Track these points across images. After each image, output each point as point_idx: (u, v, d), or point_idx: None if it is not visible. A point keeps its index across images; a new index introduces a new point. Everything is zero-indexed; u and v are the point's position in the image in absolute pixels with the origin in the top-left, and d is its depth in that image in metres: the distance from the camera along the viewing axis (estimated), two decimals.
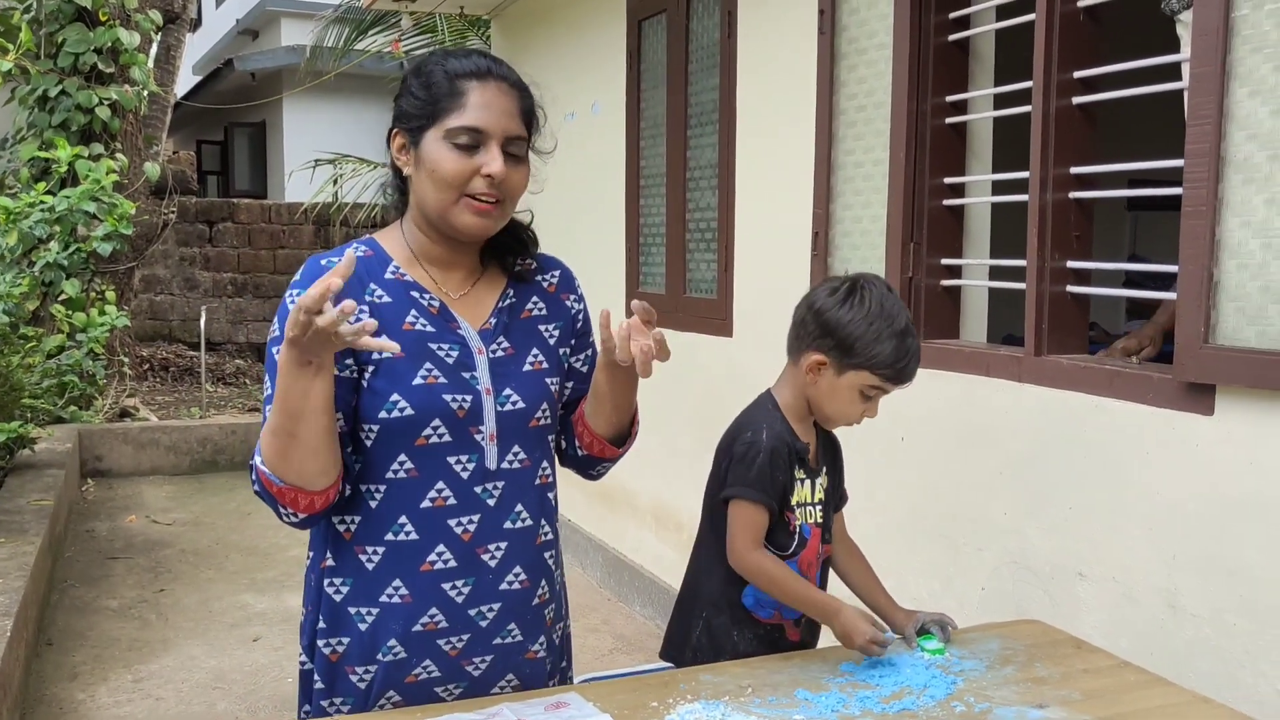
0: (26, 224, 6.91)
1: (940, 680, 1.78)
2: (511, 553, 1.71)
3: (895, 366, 1.90)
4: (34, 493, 5.43)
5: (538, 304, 1.79)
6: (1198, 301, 2.19)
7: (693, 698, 1.69)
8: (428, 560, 1.66)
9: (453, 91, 1.62)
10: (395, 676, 1.68)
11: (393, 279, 1.68)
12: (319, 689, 1.72)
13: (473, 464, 1.67)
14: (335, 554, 1.70)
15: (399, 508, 1.65)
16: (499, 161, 1.61)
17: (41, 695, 3.89)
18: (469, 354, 1.68)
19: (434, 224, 1.67)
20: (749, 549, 1.92)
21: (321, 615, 1.71)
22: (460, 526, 1.66)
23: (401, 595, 1.66)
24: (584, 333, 1.86)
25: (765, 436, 1.95)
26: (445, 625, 1.68)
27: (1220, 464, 2.20)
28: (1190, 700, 1.73)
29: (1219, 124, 2.15)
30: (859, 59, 3.25)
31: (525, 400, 1.70)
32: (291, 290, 1.63)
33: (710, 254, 4.21)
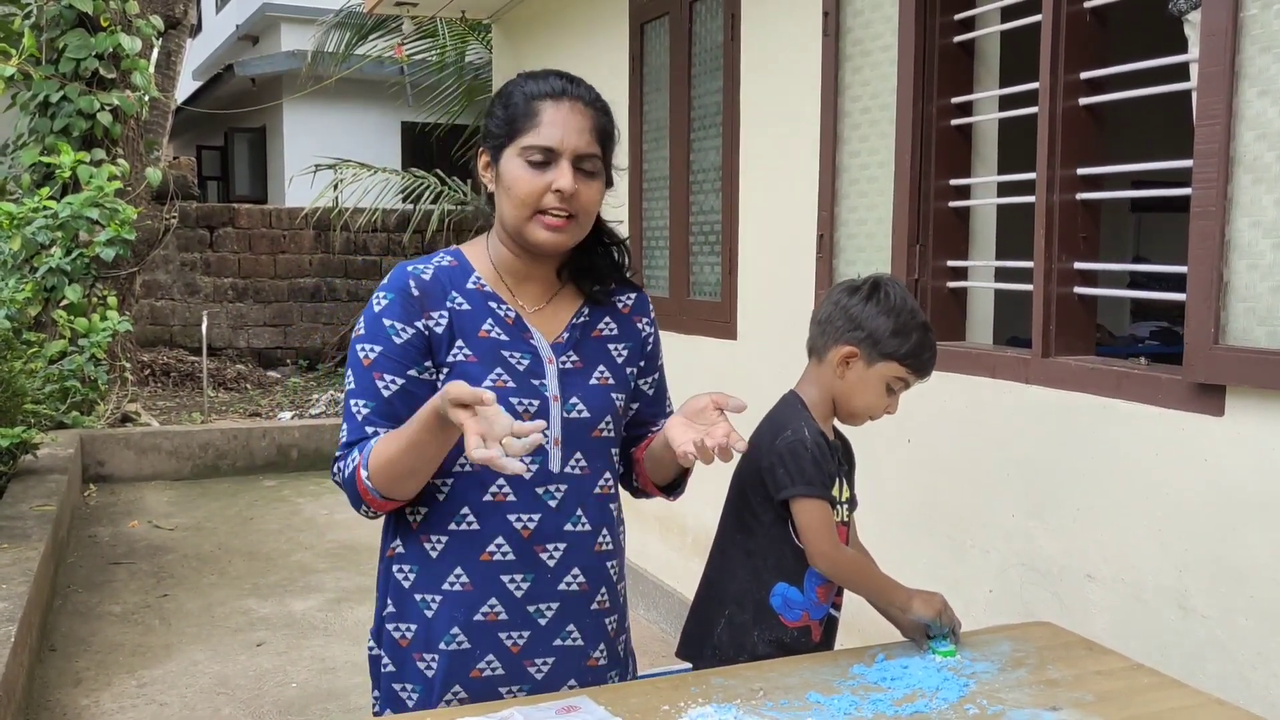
0: (30, 230, 6.91)
1: (952, 683, 1.77)
2: (570, 555, 1.76)
3: (920, 357, 1.99)
4: (37, 498, 5.42)
5: (609, 324, 1.86)
6: (1207, 302, 2.19)
7: (704, 701, 1.68)
8: (487, 550, 1.72)
9: (528, 112, 1.71)
10: (460, 669, 1.73)
11: (474, 289, 1.78)
12: (389, 672, 1.79)
13: (536, 465, 1.73)
14: (404, 542, 1.78)
15: (463, 499, 1.73)
16: (568, 177, 1.68)
17: (45, 701, 3.88)
18: (539, 363, 1.76)
19: (513, 238, 1.76)
20: (835, 546, 1.95)
21: (390, 600, 1.79)
22: (520, 522, 1.73)
23: (463, 583, 1.73)
24: (653, 355, 1.94)
25: (807, 433, 1.97)
26: (505, 618, 1.73)
27: (1231, 465, 2.20)
28: (1204, 703, 1.72)
29: (1228, 124, 2.14)
30: (864, 61, 3.24)
31: (590, 410, 1.78)
32: (379, 295, 1.75)
33: (714, 257, 4.21)
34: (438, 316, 1.73)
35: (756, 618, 2.02)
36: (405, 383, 1.71)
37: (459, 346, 1.73)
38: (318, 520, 6.53)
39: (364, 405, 1.71)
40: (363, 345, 1.72)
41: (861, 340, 1.98)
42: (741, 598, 2.03)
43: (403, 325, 1.72)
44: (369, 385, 1.71)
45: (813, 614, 2.02)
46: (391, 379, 1.71)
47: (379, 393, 1.71)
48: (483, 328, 1.75)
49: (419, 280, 1.74)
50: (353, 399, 1.71)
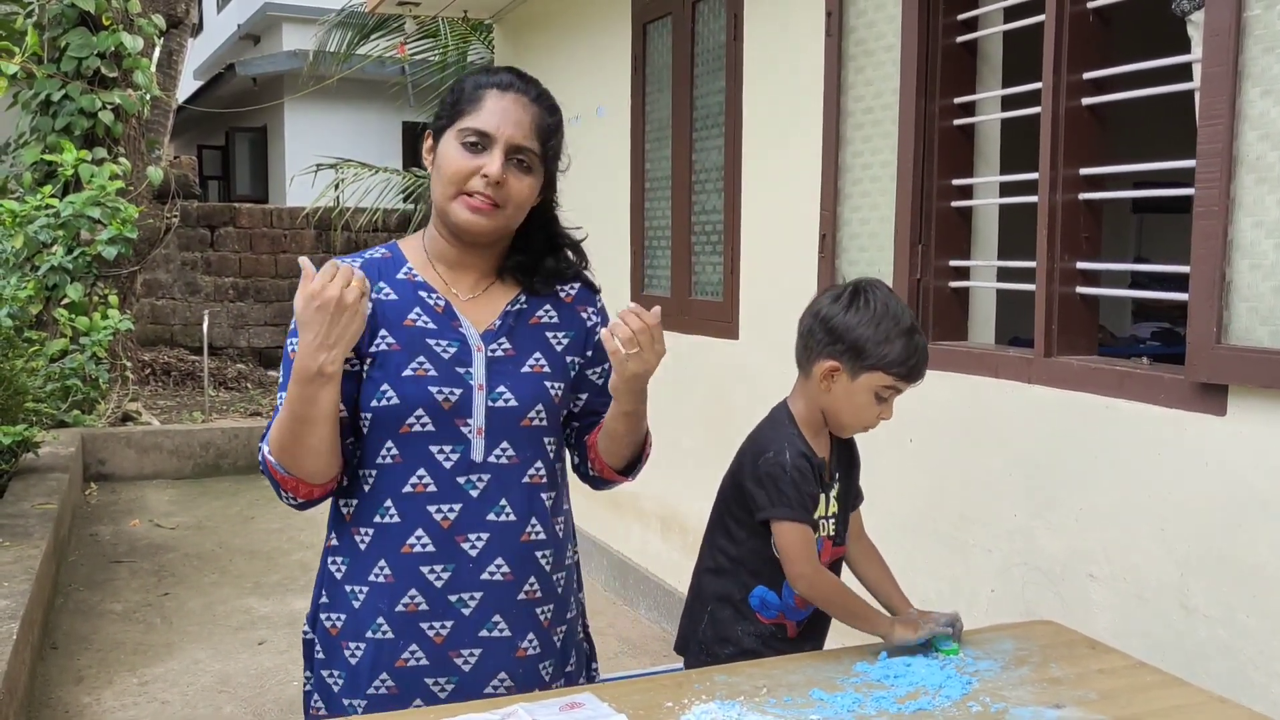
0: (32, 228, 6.91)
1: (955, 680, 1.77)
2: (493, 544, 1.75)
3: (907, 364, 1.93)
4: (38, 496, 5.43)
5: (549, 312, 1.85)
6: (1210, 302, 2.19)
7: (707, 698, 1.69)
8: (407, 543, 1.73)
9: (473, 98, 1.73)
10: (385, 658, 1.75)
11: (404, 279, 1.79)
12: (320, 658, 1.82)
13: (457, 455, 1.74)
14: (338, 534, 1.82)
15: (385, 491, 1.74)
16: (498, 164, 1.69)
17: (47, 699, 3.89)
18: (467, 351, 1.76)
19: (441, 219, 1.77)
20: (815, 569, 1.93)
21: (324, 590, 1.82)
22: (440, 513, 1.73)
23: (385, 575, 1.75)
24: (600, 346, 1.88)
25: (789, 455, 1.95)
26: (425, 608, 1.74)
27: (1232, 464, 2.20)
28: (1207, 700, 1.73)
29: (1231, 124, 2.15)
30: (866, 61, 3.25)
31: (518, 399, 1.76)
32: None
33: (716, 257, 4.21)
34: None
35: (736, 615, 2.04)
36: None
37: (382, 335, 1.73)
38: (318, 519, 6.49)
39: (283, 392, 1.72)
40: (292, 340, 1.73)
41: (843, 353, 1.93)
42: (723, 597, 2.06)
43: None
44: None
45: (789, 615, 2.04)
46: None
47: None
48: (409, 316, 1.75)
49: None
50: (280, 392, 1.73)
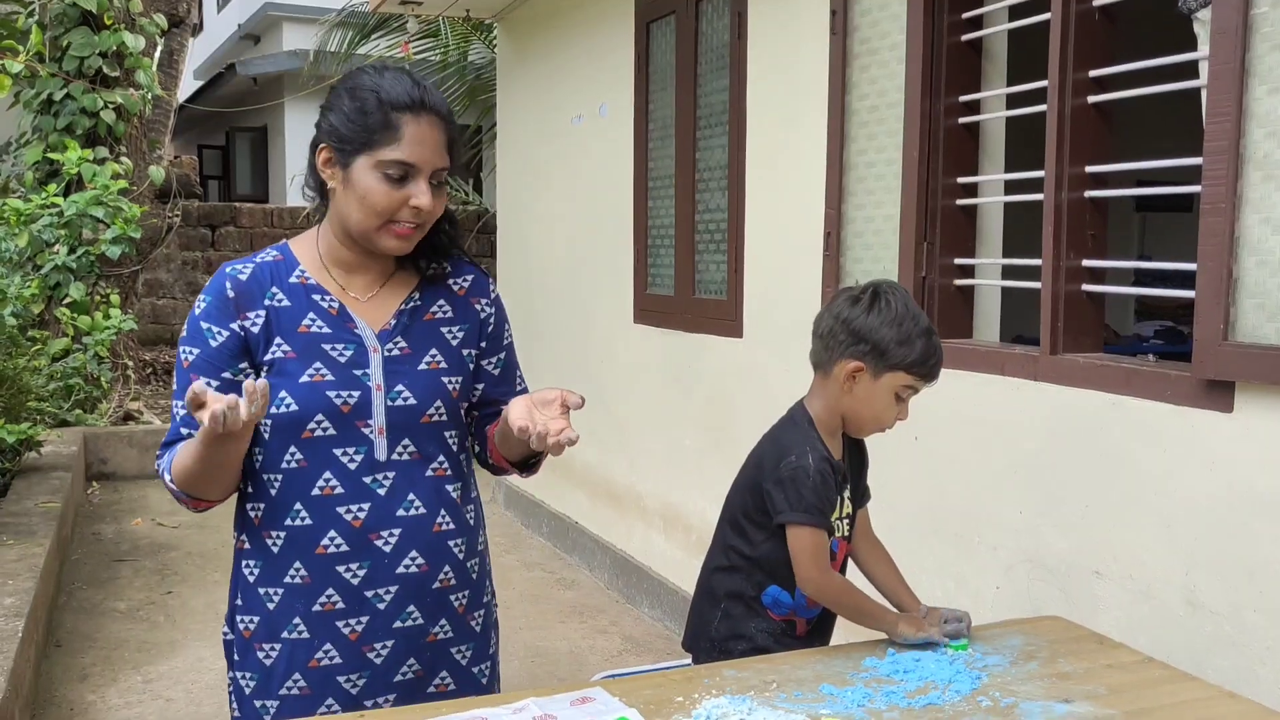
0: (36, 227, 6.92)
1: (965, 675, 1.78)
2: (406, 538, 1.78)
3: (928, 364, 1.96)
4: (41, 495, 5.43)
5: (443, 307, 1.86)
6: (1217, 299, 2.19)
7: (717, 693, 1.69)
8: (321, 544, 1.75)
9: (387, 124, 1.68)
10: (300, 658, 1.77)
11: (296, 283, 1.80)
12: (235, 660, 1.84)
13: (361, 455, 1.76)
14: (249, 537, 1.82)
15: (293, 495, 1.76)
16: (427, 196, 1.71)
17: (52, 696, 3.89)
18: (363, 353, 1.77)
19: (357, 240, 1.77)
20: (823, 572, 1.96)
21: (239, 593, 1.84)
22: (350, 514, 1.76)
23: (302, 577, 1.77)
24: (496, 336, 1.93)
25: (811, 460, 1.96)
26: (342, 606, 1.76)
27: (1239, 461, 2.21)
28: (1216, 695, 1.73)
29: (1238, 121, 2.15)
30: (871, 59, 3.25)
31: (417, 397, 1.78)
32: (202, 298, 1.78)
33: (720, 255, 4.21)
34: (254, 316, 1.75)
35: (748, 612, 2.05)
36: (219, 385, 1.71)
37: (277, 344, 1.74)
38: None
39: (180, 407, 1.73)
40: (184, 347, 1.76)
41: (866, 354, 1.95)
42: (735, 594, 2.07)
43: (219, 328, 1.74)
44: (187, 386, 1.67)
45: (800, 613, 2.05)
46: (207, 381, 1.69)
47: None
48: (303, 322, 1.76)
49: (235, 281, 1.76)
50: (174, 401, 1.75)
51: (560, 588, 5.20)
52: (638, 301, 4.87)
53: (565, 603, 4.98)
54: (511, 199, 6.58)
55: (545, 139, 5.93)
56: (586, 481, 5.43)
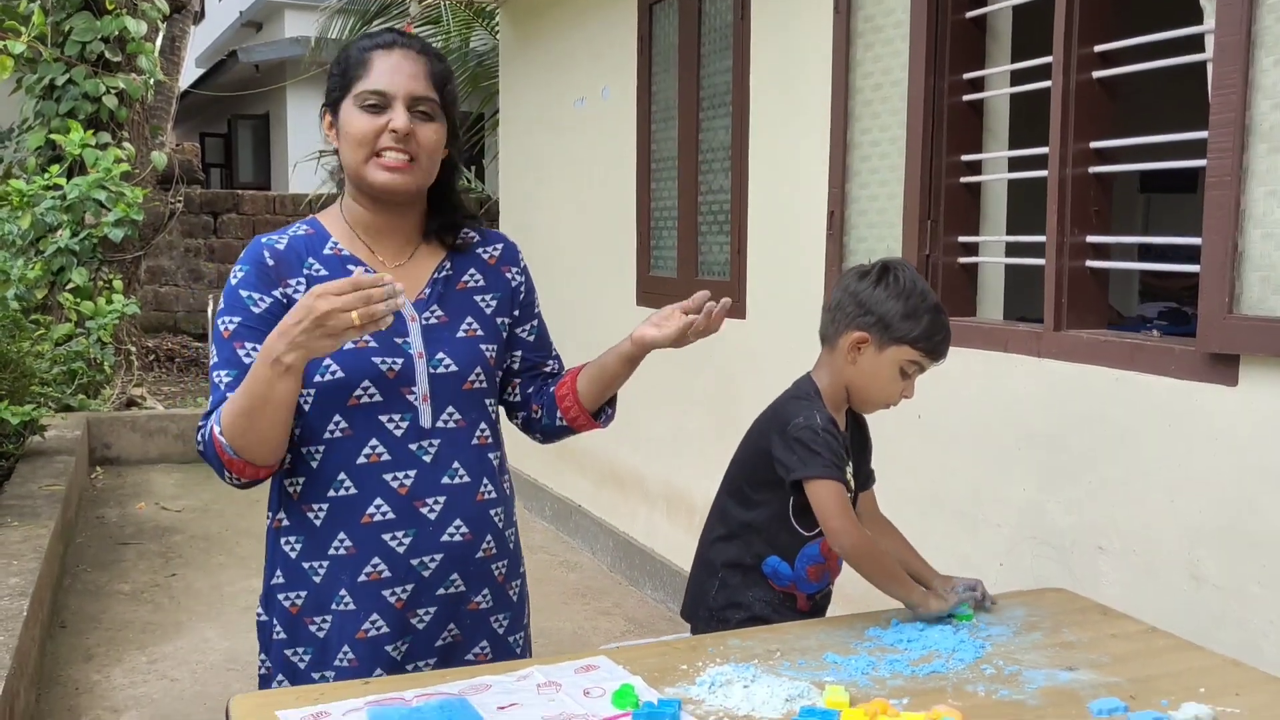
0: (39, 210, 6.92)
1: (969, 644, 1.78)
2: (450, 507, 1.77)
3: (933, 340, 1.96)
4: (45, 478, 5.44)
5: (475, 276, 1.87)
6: (1222, 272, 2.19)
7: (722, 661, 1.70)
8: (366, 513, 1.74)
9: (361, 62, 1.74)
10: (348, 630, 1.76)
11: (330, 254, 1.80)
12: (280, 639, 1.81)
13: (406, 422, 1.75)
14: (287, 513, 1.81)
15: (338, 465, 1.74)
16: (403, 118, 1.71)
17: (57, 676, 3.90)
18: (401, 320, 1.77)
19: (360, 188, 1.78)
20: (854, 524, 1.91)
21: (280, 571, 1.81)
22: (396, 481, 1.75)
23: (347, 548, 1.75)
24: (527, 304, 1.95)
25: (818, 419, 1.96)
26: (388, 575, 1.75)
27: (1243, 434, 2.20)
28: (1221, 664, 1.73)
29: (1244, 93, 2.15)
30: (875, 37, 3.24)
31: (458, 364, 1.79)
32: (239, 268, 1.76)
33: (723, 236, 4.21)
34: (295, 284, 1.74)
35: (747, 581, 2.06)
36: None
37: None
38: None
39: (226, 374, 1.71)
40: (223, 319, 1.74)
41: (872, 325, 1.96)
42: (734, 563, 2.07)
43: (260, 295, 1.73)
44: (230, 355, 1.71)
45: (800, 587, 2.05)
46: (252, 346, 1.69)
47: (240, 361, 1.70)
48: None
49: (274, 250, 1.76)
50: (216, 371, 1.72)
51: (564, 570, 5.21)
52: (641, 284, 4.86)
53: (569, 585, 4.98)
54: (514, 183, 6.58)
55: (548, 123, 5.92)
56: (590, 465, 5.43)
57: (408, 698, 1.56)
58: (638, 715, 1.50)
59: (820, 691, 1.56)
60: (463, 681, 1.62)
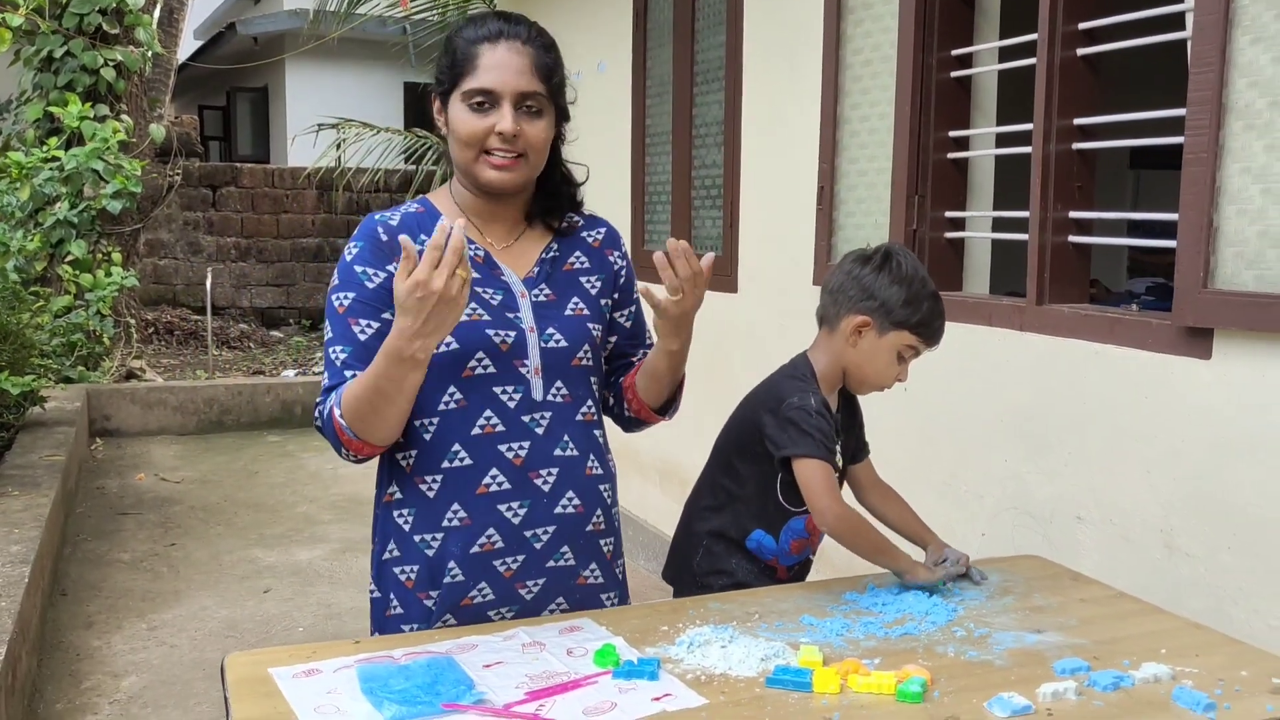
0: (38, 181, 6.95)
1: (941, 608, 1.83)
2: (563, 479, 1.79)
3: (932, 325, 2.02)
4: (46, 449, 5.50)
5: (580, 258, 1.89)
6: (1197, 247, 2.23)
7: (701, 623, 1.75)
8: (482, 484, 1.76)
9: (468, 56, 1.74)
10: (453, 599, 1.78)
11: None
12: (397, 614, 1.82)
13: (519, 394, 1.77)
14: (400, 486, 1.81)
15: (452, 436, 1.76)
16: (509, 120, 1.72)
17: (58, 642, 3.97)
18: (512, 297, 1.80)
19: (467, 179, 1.80)
20: (840, 503, 1.96)
21: (393, 544, 1.82)
22: (511, 451, 1.76)
23: (461, 518, 1.76)
24: (627, 289, 1.96)
25: (812, 400, 2.01)
26: (501, 545, 1.77)
27: (1217, 406, 2.25)
28: (1183, 626, 1.79)
29: (1221, 71, 2.18)
30: (865, 13, 3.27)
31: (568, 339, 1.81)
32: (350, 245, 1.78)
33: (716, 211, 4.25)
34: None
35: (729, 550, 2.11)
36: (381, 326, 1.72)
37: None
38: (322, 474, 6.61)
39: (342, 350, 1.73)
40: (338, 294, 1.75)
41: (874, 310, 2.00)
42: (718, 533, 2.12)
43: (374, 270, 1.75)
44: (346, 331, 1.74)
45: (782, 560, 2.11)
46: (367, 323, 1.73)
47: (355, 337, 1.73)
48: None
49: (387, 227, 1.78)
50: (331, 347, 1.74)
51: None
52: (635, 258, 4.89)
53: None
54: None
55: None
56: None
57: (396, 655, 1.61)
58: (618, 673, 1.55)
59: (795, 652, 1.61)
60: (450, 641, 1.67)
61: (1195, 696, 1.48)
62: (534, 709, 1.46)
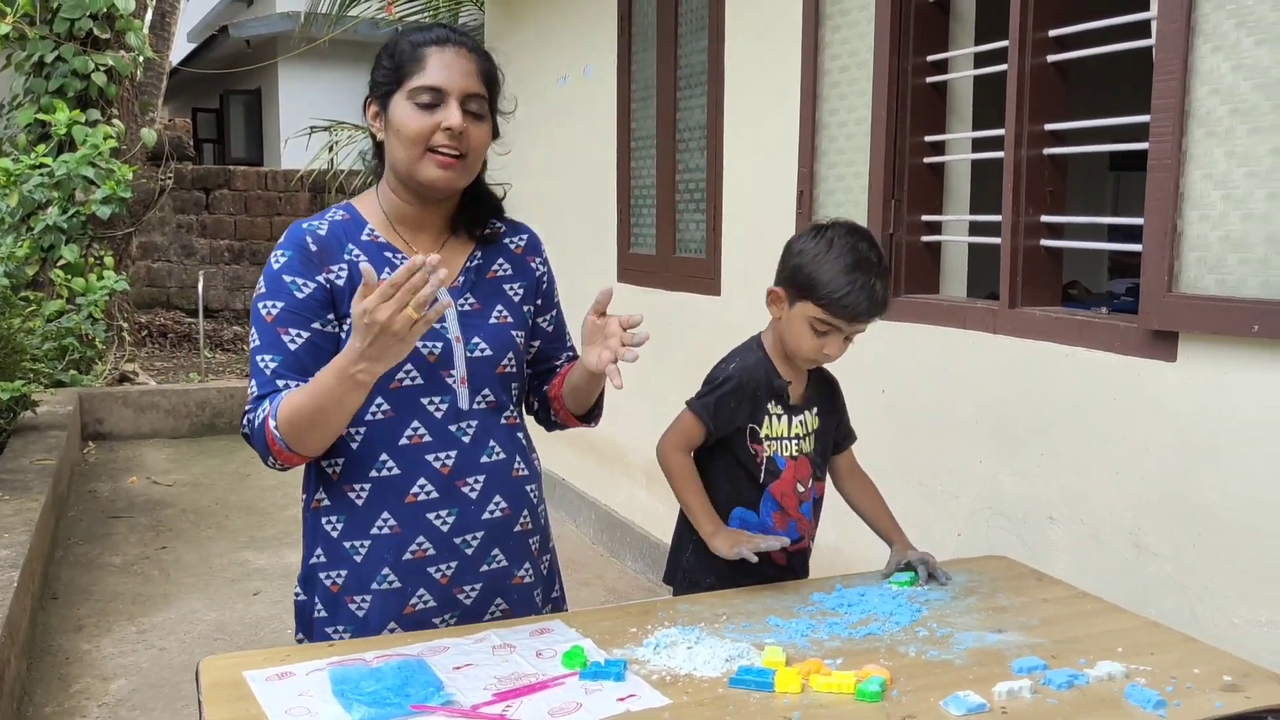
0: (27, 187, 6.97)
1: (906, 609, 1.87)
2: (490, 484, 1.84)
3: (835, 298, 1.95)
4: (37, 453, 5.52)
5: (503, 265, 1.94)
6: (1162, 252, 2.27)
7: (670, 624, 1.78)
8: (411, 493, 1.79)
9: (415, 57, 1.77)
10: (393, 607, 1.81)
11: (368, 240, 1.84)
12: (321, 617, 1.85)
13: (446, 405, 1.81)
14: (328, 493, 1.84)
15: (380, 446, 1.79)
16: (458, 116, 1.75)
17: (48, 646, 4.00)
18: None
19: (404, 182, 1.81)
20: (674, 448, 2.07)
21: (320, 550, 1.85)
22: (439, 461, 1.80)
23: (391, 526, 1.80)
24: (548, 294, 2.02)
25: (734, 367, 2.07)
26: (433, 553, 1.80)
27: (1182, 408, 2.29)
28: (1140, 625, 1.82)
29: (1184, 79, 2.22)
30: (842, 20, 3.30)
31: (493, 348, 1.84)
32: (276, 253, 1.80)
33: (699, 214, 4.28)
34: (337, 270, 1.78)
35: None
36: (310, 335, 1.75)
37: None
38: None
39: (272, 360, 1.74)
40: (265, 303, 1.76)
41: (785, 280, 2.02)
42: None
43: (303, 280, 1.76)
44: (275, 340, 1.74)
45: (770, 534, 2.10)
46: (297, 333, 1.74)
47: (285, 346, 1.74)
48: (381, 278, 1.76)
49: (315, 236, 1.79)
50: (259, 355, 1.75)
51: None
52: (621, 260, 4.94)
53: None
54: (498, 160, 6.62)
55: (532, 100, 5.97)
56: (572, 438, 5.49)
57: (368, 659, 1.65)
58: (584, 674, 1.59)
59: (760, 653, 1.65)
60: (422, 644, 1.71)
61: (1147, 694, 1.52)
62: (501, 710, 1.49)
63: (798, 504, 2.11)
